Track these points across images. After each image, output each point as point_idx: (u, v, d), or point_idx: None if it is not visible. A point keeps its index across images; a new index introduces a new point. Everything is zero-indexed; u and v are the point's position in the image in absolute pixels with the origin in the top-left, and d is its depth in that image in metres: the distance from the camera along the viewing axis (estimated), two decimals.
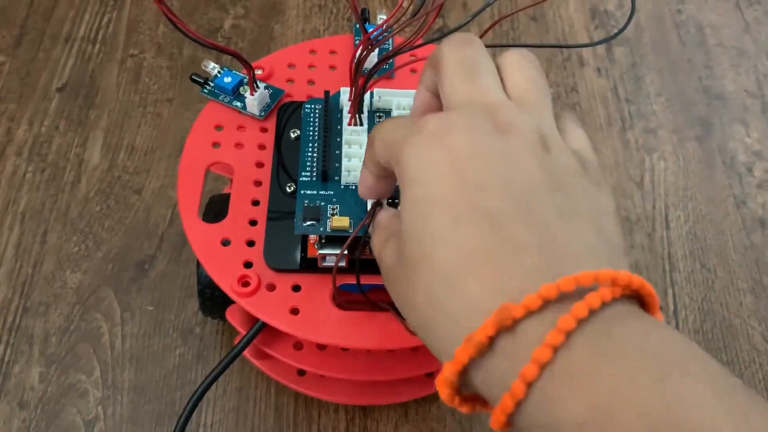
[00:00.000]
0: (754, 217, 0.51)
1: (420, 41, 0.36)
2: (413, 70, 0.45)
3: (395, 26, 0.35)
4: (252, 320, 0.36)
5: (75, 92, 0.55)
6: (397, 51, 0.35)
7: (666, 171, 0.53)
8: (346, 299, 0.35)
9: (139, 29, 0.60)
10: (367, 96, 0.38)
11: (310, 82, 0.42)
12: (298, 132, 0.38)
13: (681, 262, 0.49)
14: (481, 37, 0.39)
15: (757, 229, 0.51)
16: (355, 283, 0.35)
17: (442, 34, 0.36)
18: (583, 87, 0.58)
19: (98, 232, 0.48)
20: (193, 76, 0.40)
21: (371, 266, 0.35)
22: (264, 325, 0.35)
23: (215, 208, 0.38)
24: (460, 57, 0.25)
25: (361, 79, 0.35)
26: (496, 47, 0.58)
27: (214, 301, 0.39)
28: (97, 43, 0.58)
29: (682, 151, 0.55)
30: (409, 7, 0.32)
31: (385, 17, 0.43)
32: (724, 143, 0.55)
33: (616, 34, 0.34)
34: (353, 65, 0.34)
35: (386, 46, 0.44)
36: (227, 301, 0.38)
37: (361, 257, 0.35)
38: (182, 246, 0.47)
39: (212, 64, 0.40)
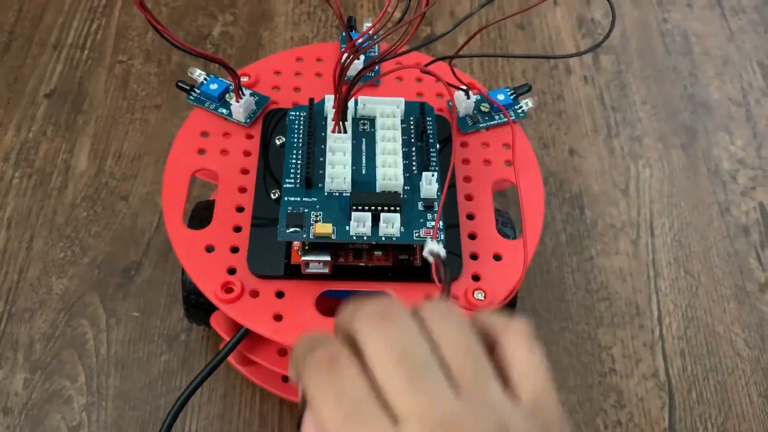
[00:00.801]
0: (738, 224, 0.52)
1: (404, 48, 0.36)
2: (399, 78, 0.45)
3: (381, 33, 0.35)
4: (236, 326, 0.36)
5: (63, 98, 0.55)
6: (382, 58, 0.35)
7: (651, 178, 0.54)
8: (329, 305, 0.35)
9: (127, 36, 0.60)
10: (351, 103, 0.38)
11: (296, 89, 0.42)
12: (284, 139, 0.38)
13: (665, 269, 0.49)
14: (466, 44, 0.39)
15: (741, 236, 0.51)
16: (339, 289, 0.35)
17: (430, 41, 0.37)
18: (569, 94, 0.59)
19: (84, 238, 0.48)
20: (179, 83, 0.40)
21: (355, 272, 0.36)
22: (247, 331, 0.35)
23: (201, 215, 0.38)
24: (388, 345, 0.19)
25: (345, 87, 0.35)
26: (484, 57, 0.58)
27: (198, 307, 0.39)
28: (85, 49, 0.58)
29: (667, 158, 0.55)
30: (393, 12, 0.33)
31: (370, 25, 0.44)
32: (708, 151, 0.56)
33: (599, 43, 0.35)
34: (337, 73, 0.35)
35: (372, 53, 0.44)
36: (212, 308, 0.38)
37: (345, 263, 0.35)
38: (168, 252, 0.47)
39: (198, 71, 0.40)
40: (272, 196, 0.37)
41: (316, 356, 0.20)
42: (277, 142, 0.39)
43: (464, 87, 0.41)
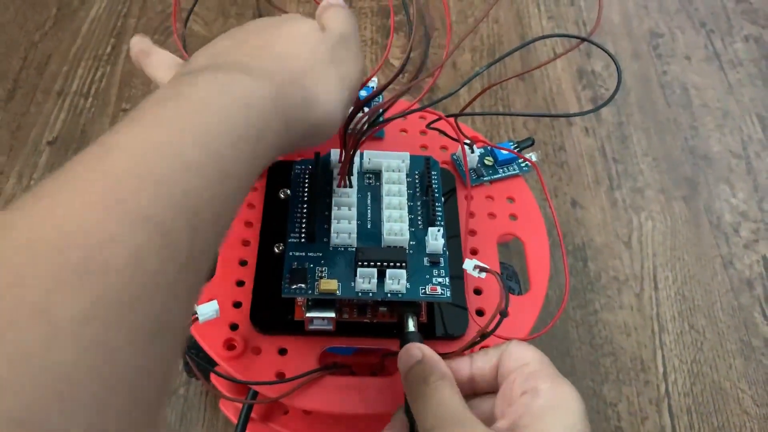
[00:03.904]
0: (742, 277, 0.52)
1: (417, 105, 0.36)
2: (404, 131, 0.45)
3: (385, 93, 0.35)
4: (237, 384, 0.35)
5: (65, 146, 0.55)
6: (391, 117, 0.35)
7: (654, 231, 0.54)
8: (333, 362, 0.34)
9: (131, 84, 0.60)
10: (357, 157, 0.38)
11: None
12: (288, 192, 0.38)
13: (670, 324, 0.49)
14: (471, 102, 0.39)
15: (745, 290, 0.51)
16: (343, 346, 0.35)
17: (438, 100, 0.37)
18: (570, 146, 0.59)
19: None
20: None
21: (360, 329, 0.35)
22: (256, 394, 0.34)
23: None
24: None
25: (351, 141, 0.35)
26: (488, 114, 0.58)
27: (198, 362, 0.38)
28: (89, 97, 0.59)
29: (669, 210, 0.55)
30: (402, 71, 0.33)
31: (375, 81, 0.44)
32: (710, 203, 0.56)
33: (605, 104, 0.35)
34: (343, 131, 0.35)
35: (376, 101, 0.44)
36: (212, 363, 0.38)
37: (349, 320, 0.35)
38: None
39: None
40: (276, 250, 0.36)
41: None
42: (281, 196, 0.39)
43: (468, 141, 0.41)
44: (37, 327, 0.16)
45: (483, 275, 0.32)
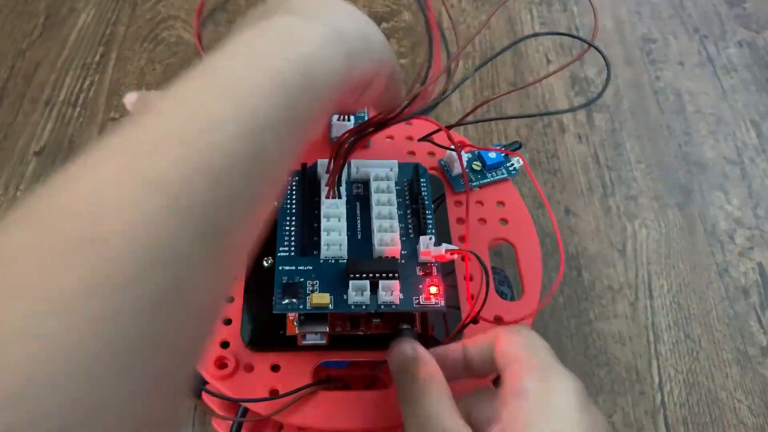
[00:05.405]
0: (737, 285, 0.51)
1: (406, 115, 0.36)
2: (389, 137, 0.44)
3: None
4: (229, 402, 0.34)
5: (53, 156, 0.54)
6: (382, 123, 0.35)
7: (648, 238, 0.53)
8: (327, 376, 0.34)
9: (120, 93, 0.59)
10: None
11: None
12: (275, 204, 0.38)
13: (665, 333, 0.48)
14: (466, 116, 0.39)
15: (740, 297, 0.51)
16: (336, 360, 0.34)
17: (430, 108, 0.36)
18: (563, 153, 0.58)
19: None
20: None
21: (353, 341, 0.35)
22: (246, 411, 0.33)
23: None
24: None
25: (342, 150, 0.35)
26: (480, 122, 0.58)
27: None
28: (77, 106, 0.58)
29: (664, 218, 0.55)
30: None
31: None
32: (704, 210, 0.56)
33: (594, 100, 0.34)
34: (337, 145, 0.34)
35: (362, 114, 0.44)
36: (203, 380, 0.37)
37: (342, 333, 0.34)
38: None
39: None
40: (265, 264, 0.36)
41: None
42: None
43: (453, 147, 0.41)
44: (30, 303, 0.15)
45: (455, 257, 0.33)
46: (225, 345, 0.33)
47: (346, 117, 0.42)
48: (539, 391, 0.26)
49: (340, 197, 0.36)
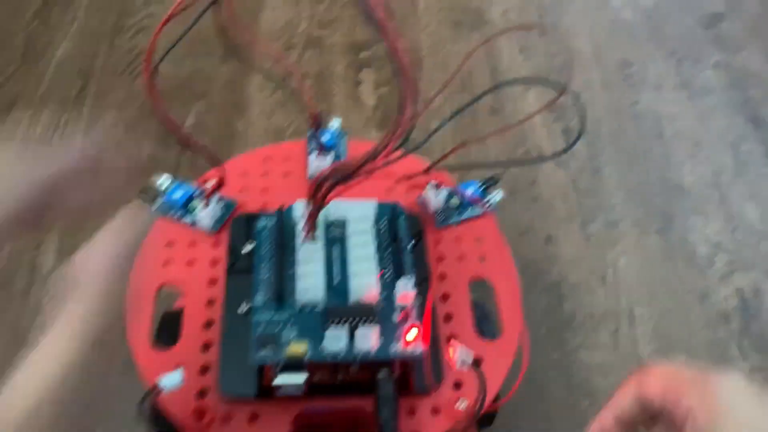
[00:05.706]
0: (718, 311, 0.51)
1: (384, 161, 0.35)
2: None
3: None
4: None
5: None
6: (361, 165, 0.34)
7: (628, 267, 0.54)
8: (308, 424, 0.33)
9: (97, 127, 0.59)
10: None
11: (264, 190, 0.42)
12: (251, 246, 0.37)
13: (648, 361, 0.48)
14: (445, 157, 0.39)
15: (721, 324, 0.51)
16: (316, 407, 0.34)
17: (409, 151, 0.36)
18: (543, 180, 0.59)
19: None
20: (141, 195, 0.39)
21: (333, 388, 0.34)
22: None
23: (169, 328, 0.37)
24: None
25: (322, 192, 0.35)
26: (462, 170, 0.58)
27: (164, 429, 0.37)
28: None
29: (644, 244, 0.55)
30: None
31: (339, 122, 0.44)
32: (684, 235, 0.56)
33: (568, 148, 0.34)
34: (315, 186, 0.34)
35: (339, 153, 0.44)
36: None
37: (321, 381, 0.34)
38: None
39: (162, 178, 0.39)
40: (242, 309, 0.35)
41: None
42: (245, 250, 0.38)
43: (435, 183, 0.41)
44: None
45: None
46: (203, 393, 0.33)
47: (323, 151, 0.42)
48: (706, 407, 0.25)
49: (315, 240, 0.36)
